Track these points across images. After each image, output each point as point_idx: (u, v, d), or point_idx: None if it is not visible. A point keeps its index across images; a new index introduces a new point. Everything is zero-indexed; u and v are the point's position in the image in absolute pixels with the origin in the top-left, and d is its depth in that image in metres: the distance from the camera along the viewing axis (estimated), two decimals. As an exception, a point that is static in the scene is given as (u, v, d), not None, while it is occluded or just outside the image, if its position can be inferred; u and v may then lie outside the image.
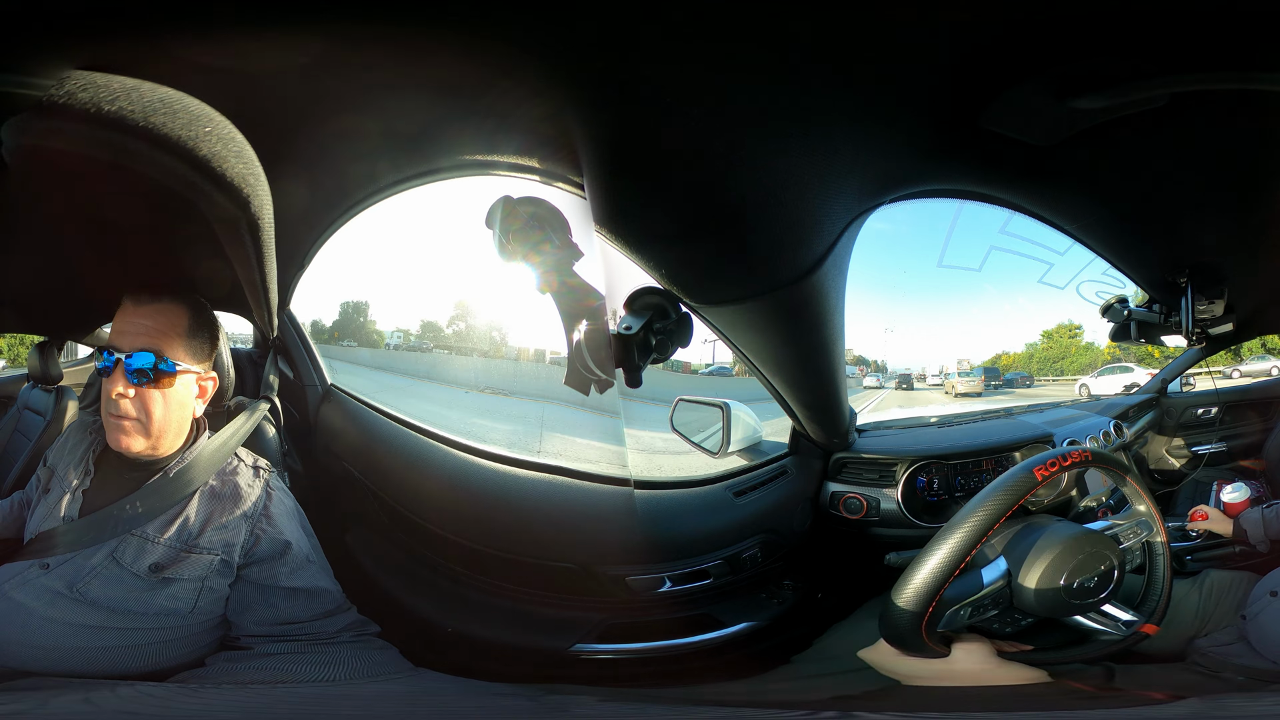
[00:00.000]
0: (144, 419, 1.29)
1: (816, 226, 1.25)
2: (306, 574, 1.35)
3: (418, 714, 1.19)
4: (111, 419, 1.29)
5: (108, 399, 1.29)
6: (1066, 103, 1.06)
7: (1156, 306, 1.97)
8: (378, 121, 1.33)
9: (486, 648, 1.62)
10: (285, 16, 0.87)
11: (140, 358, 1.27)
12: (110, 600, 1.23)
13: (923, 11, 0.88)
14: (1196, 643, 1.45)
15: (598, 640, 1.64)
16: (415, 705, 1.22)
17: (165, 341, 1.30)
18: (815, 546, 2.02)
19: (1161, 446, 2.54)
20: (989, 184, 1.45)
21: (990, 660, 1.32)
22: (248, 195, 1.00)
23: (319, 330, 2.29)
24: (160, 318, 1.31)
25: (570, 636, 1.64)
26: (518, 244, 1.44)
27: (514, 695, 1.31)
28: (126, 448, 1.30)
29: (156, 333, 1.30)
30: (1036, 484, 1.26)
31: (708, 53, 0.89)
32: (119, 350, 1.28)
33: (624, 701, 1.23)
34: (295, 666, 1.25)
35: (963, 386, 3.14)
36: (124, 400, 1.27)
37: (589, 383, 1.49)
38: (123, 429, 1.29)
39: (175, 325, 1.32)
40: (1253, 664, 1.34)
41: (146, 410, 1.29)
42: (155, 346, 1.28)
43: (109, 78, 0.75)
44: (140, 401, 1.28)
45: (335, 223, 1.67)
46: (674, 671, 1.64)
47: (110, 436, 1.31)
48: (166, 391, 1.30)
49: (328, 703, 1.19)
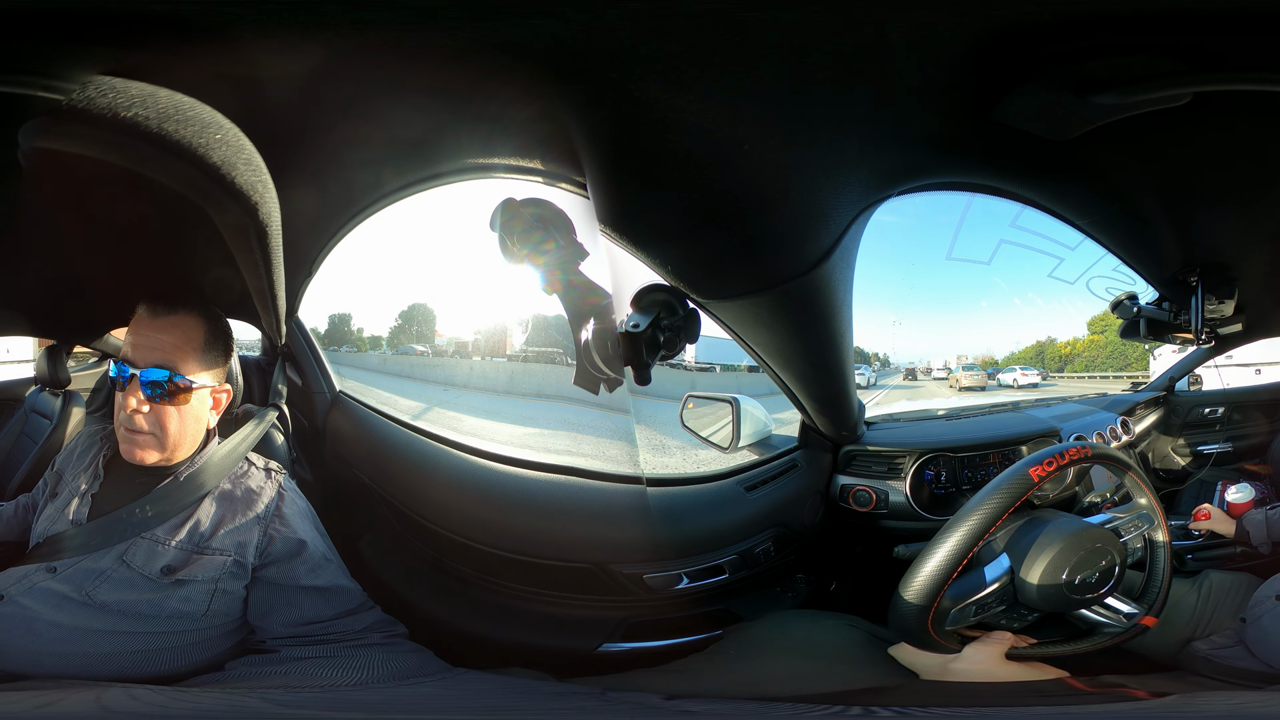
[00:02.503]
0: (159, 433, 1.29)
1: (823, 219, 1.24)
2: (326, 572, 1.35)
3: (496, 713, 1.17)
4: (126, 433, 1.29)
5: (121, 413, 1.29)
6: (1086, 98, 1.05)
7: (1166, 304, 1.96)
8: (379, 128, 1.34)
9: (513, 650, 1.62)
10: (284, 22, 0.87)
11: (155, 373, 1.27)
12: (121, 604, 1.22)
13: (939, 8, 0.87)
14: (1194, 645, 1.43)
15: (623, 639, 1.64)
16: (488, 704, 1.21)
17: (181, 356, 1.30)
18: (826, 540, 2.02)
19: (1167, 445, 2.54)
20: (1000, 177, 1.44)
21: (997, 656, 1.32)
22: (256, 202, 1.00)
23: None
24: (176, 331, 1.31)
25: (596, 636, 1.64)
26: (522, 245, 1.45)
27: (575, 694, 1.30)
28: (141, 460, 1.31)
29: (172, 347, 1.29)
30: (1035, 483, 1.26)
31: (703, 47, 0.88)
32: (134, 365, 1.27)
33: (688, 698, 1.21)
34: (326, 670, 1.24)
35: (966, 380, 3.17)
36: (138, 416, 1.27)
37: (598, 382, 1.49)
38: (137, 443, 1.29)
39: (191, 339, 1.32)
40: (1250, 668, 1.32)
41: (161, 425, 1.29)
42: (170, 362, 1.28)
43: (127, 83, 0.76)
44: (155, 416, 1.28)
45: (342, 230, 1.68)
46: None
47: (124, 449, 1.32)
48: (181, 407, 1.30)
49: (387, 706, 1.17)
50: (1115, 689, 1.27)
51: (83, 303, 1.68)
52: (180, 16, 0.78)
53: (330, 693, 1.18)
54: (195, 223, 0.98)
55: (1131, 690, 1.26)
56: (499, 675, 1.32)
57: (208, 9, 0.79)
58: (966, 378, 3.18)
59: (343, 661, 1.25)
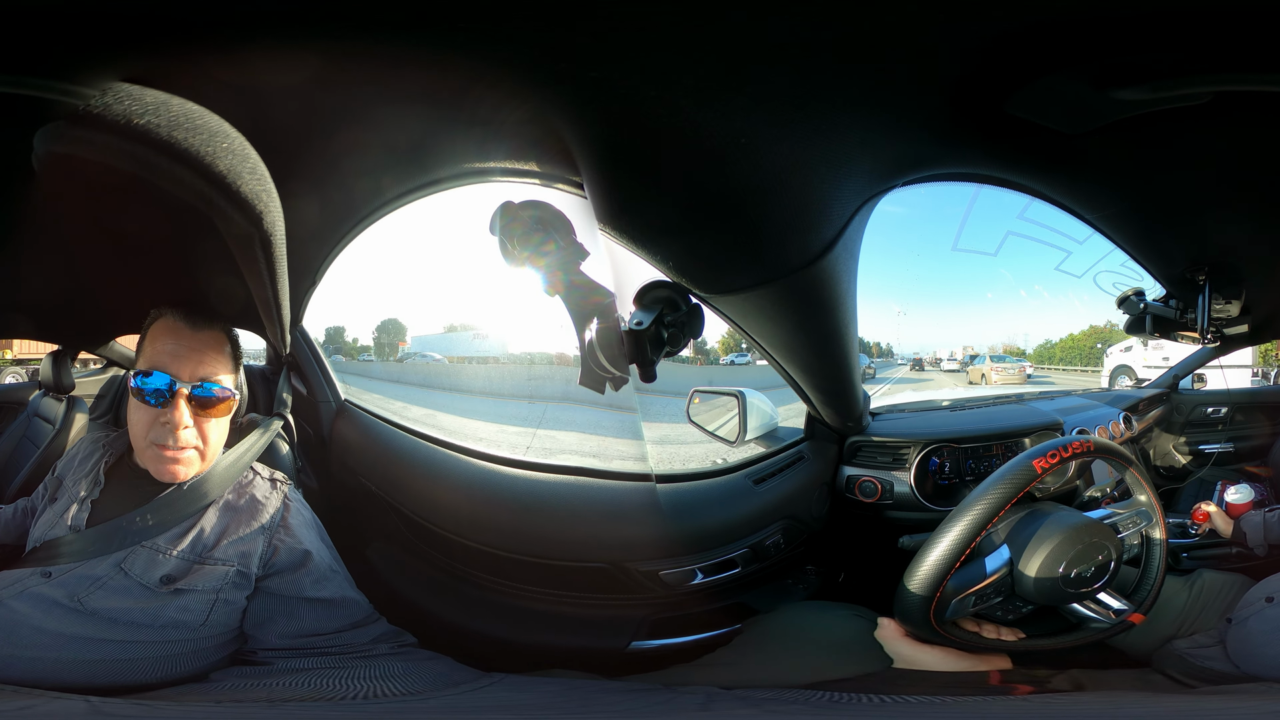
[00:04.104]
0: (202, 446, 1.30)
1: (825, 210, 1.24)
2: (332, 584, 1.33)
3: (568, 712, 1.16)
4: (163, 451, 1.27)
5: (160, 428, 1.26)
6: (1105, 94, 1.04)
7: (1173, 302, 1.97)
8: (376, 135, 1.35)
9: (542, 653, 1.61)
10: (278, 29, 0.88)
11: (207, 387, 1.28)
12: (113, 611, 1.19)
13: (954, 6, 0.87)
14: (1174, 644, 1.43)
15: (649, 637, 1.64)
16: (556, 705, 1.19)
17: (223, 367, 1.31)
18: (834, 531, 2.03)
19: (1169, 442, 2.55)
20: (1010, 169, 1.43)
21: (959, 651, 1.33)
22: (261, 211, 1.00)
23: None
24: (213, 343, 1.32)
25: (623, 635, 1.64)
26: (522, 248, 1.45)
27: (639, 690, 1.29)
28: (183, 478, 1.29)
29: (214, 360, 1.31)
30: (1038, 474, 1.26)
31: (689, 38, 0.87)
32: (179, 378, 1.26)
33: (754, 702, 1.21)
34: (330, 680, 1.21)
35: (998, 376, 2.83)
36: (185, 431, 1.26)
37: (604, 381, 1.49)
38: (182, 460, 1.28)
39: (224, 348, 1.34)
40: (1220, 669, 1.31)
41: (204, 438, 1.29)
42: (216, 374, 1.30)
43: (144, 91, 0.76)
44: (197, 430, 1.28)
45: (345, 238, 1.68)
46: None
47: (161, 469, 1.28)
48: (222, 420, 1.32)
49: (451, 709, 1.16)
50: (1014, 686, 1.29)
51: (90, 308, 1.67)
52: (194, 23, 0.78)
53: (397, 701, 1.16)
54: (201, 232, 0.99)
55: (1018, 686, 1.28)
56: (549, 679, 1.32)
57: (220, 14, 0.79)
58: (999, 371, 2.89)
59: (350, 672, 1.23)
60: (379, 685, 1.20)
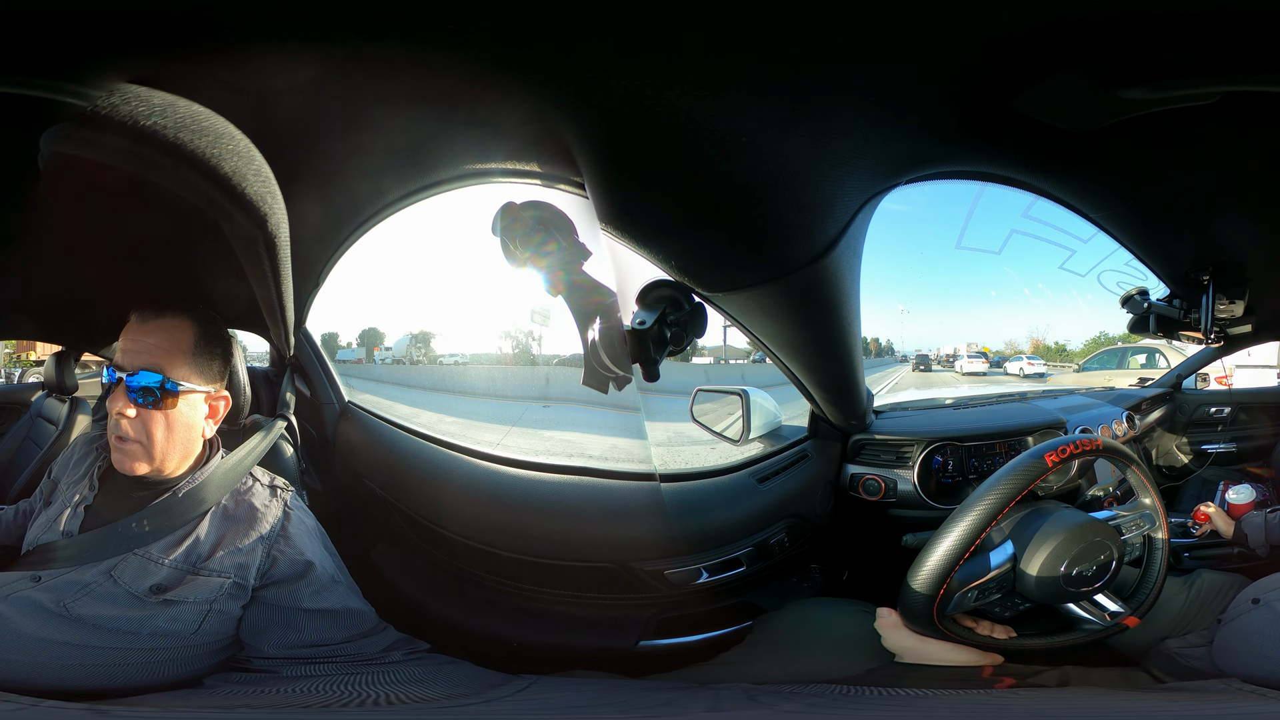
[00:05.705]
0: (145, 441, 1.24)
1: (828, 209, 1.24)
2: (334, 595, 1.30)
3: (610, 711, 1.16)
4: (114, 440, 1.25)
5: (111, 419, 1.24)
6: (1114, 93, 1.03)
7: (1177, 301, 1.96)
8: (378, 136, 1.35)
9: (554, 653, 1.61)
10: (280, 33, 0.88)
11: (143, 377, 1.22)
12: (98, 618, 1.17)
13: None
14: (1166, 643, 1.42)
15: (655, 636, 1.64)
16: (612, 703, 1.19)
17: (169, 360, 1.25)
18: (838, 529, 2.03)
19: (1171, 441, 2.55)
20: (1014, 168, 1.42)
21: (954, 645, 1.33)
22: (265, 213, 1.01)
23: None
24: (165, 334, 1.26)
25: (631, 635, 1.64)
26: (524, 249, 1.45)
27: (674, 690, 1.29)
28: (131, 471, 1.26)
29: (159, 350, 1.25)
30: (1045, 470, 1.26)
31: (689, 37, 0.86)
32: (122, 369, 1.23)
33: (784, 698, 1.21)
34: (341, 686, 1.19)
35: (1031, 372, 2.57)
36: (124, 420, 1.22)
37: (607, 380, 1.49)
38: (125, 451, 1.24)
39: (179, 342, 1.27)
40: (1205, 669, 1.31)
41: (148, 432, 1.24)
42: (157, 365, 1.23)
43: (150, 92, 0.76)
44: (142, 423, 1.24)
45: (348, 240, 1.68)
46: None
47: (114, 459, 1.27)
48: (170, 413, 1.25)
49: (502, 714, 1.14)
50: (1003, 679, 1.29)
51: (93, 309, 1.67)
52: (200, 25, 0.79)
53: (448, 706, 1.14)
54: (206, 233, 0.99)
55: (1004, 679, 1.29)
56: (582, 679, 1.31)
57: (226, 15, 0.79)
58: (1031, 369, 2.70)
59: (363, 678, 1.21)
60: (400, 690, 1.18)
